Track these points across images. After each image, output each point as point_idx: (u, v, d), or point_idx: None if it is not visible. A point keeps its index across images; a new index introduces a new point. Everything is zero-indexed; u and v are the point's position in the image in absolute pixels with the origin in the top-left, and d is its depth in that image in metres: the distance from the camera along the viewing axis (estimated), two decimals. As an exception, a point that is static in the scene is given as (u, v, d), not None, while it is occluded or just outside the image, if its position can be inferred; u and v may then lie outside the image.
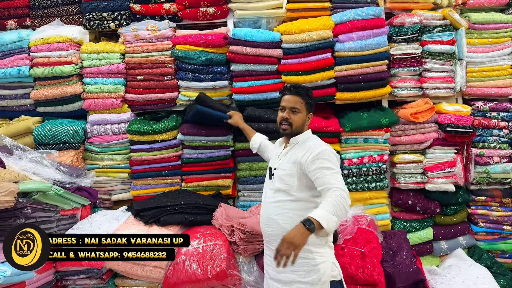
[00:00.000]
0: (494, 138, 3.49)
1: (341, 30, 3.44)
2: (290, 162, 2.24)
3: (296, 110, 2.26)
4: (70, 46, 3.59)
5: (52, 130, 3.50)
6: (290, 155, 2.28)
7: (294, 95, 2.27)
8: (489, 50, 3.55)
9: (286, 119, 2.26)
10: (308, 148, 2.21)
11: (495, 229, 3.55)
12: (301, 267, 2.16)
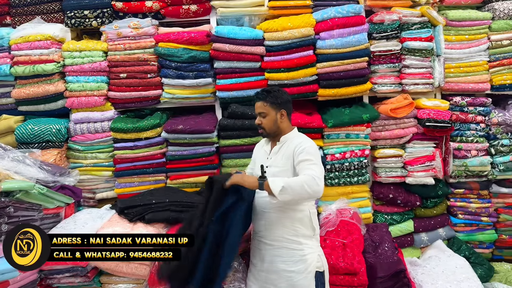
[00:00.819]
0: (471, 132, 3.59)
1: (322, 28, 3.49)
2: (284, 159, 2.38)
3: (263, 114, 2.41)
4: (52, 44, 3.57)
5: (34, 129, 3.47)
6: (282, 152, 2.41)
7: (258, 101, 2.44)
8: (466, 47, 3.64)
9: (259, 124, 2.44)
10: (297, 144, 2.35)
11: (473, 221, 3.65)
12: (290, 257, 2.33)
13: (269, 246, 2.38)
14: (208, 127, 3.44)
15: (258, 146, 2.68)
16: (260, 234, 2.43)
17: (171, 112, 3.90)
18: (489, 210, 3.62)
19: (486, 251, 3.68)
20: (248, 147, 3.54)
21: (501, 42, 3.64)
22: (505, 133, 3.59)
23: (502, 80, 3.65)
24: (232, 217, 2.24)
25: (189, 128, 3.42)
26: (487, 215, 3.64)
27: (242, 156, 3.57)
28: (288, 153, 2.37)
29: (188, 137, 3.46)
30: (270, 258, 2.37)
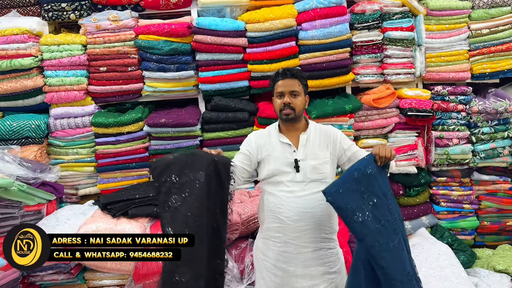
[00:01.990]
0: (452, 120, 3.63)
1: (304, 18, 3.48)
2: (322, 150, 2.16)
3: (296, 93, 2.14)
4: (29, 38, 3.48)
5: (13, 125, 3.40)
6: (316, 142, 2.17)
7: (291, 78, 2.15)
8: (447, 36, 3.67)
9: (289, 104, 2.12)
10: (329, 132, 2.21)
11: (456, 208, 3.70)
12: (328, 257, 2.14)
13: (306, 249, 2.12)
14: (191, 120, 3.41)
15: (260, 139, 2.24)
16: (294, 237, 2.13)
17: (153, 106, 3.85)
18: (470, 198, 3.68)
19: (468, 238, 3.74)
20: (233, 140, 3.53)
21: (480, 31, 3.68)
22: (485, 121, 3.63)
23: (482, 68, 3.70)
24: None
25: (172, 122, 3.39)
26: (469, 203, 3.69)
27: (226, 149, 3.55)
28: (325, 143, 2.16)
29: (171, 131, 3.43)
30: (309, 262, 2.13)
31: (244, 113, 3.50)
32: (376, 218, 1.90)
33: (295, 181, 2.13)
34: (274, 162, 2.16)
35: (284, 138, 2.19)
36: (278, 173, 2.15)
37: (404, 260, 1.90)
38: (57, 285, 2.90)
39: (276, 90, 2.18)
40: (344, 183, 1.94)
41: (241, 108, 3.50)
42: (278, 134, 2.21)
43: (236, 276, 2.84)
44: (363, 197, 1.91)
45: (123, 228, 2.86)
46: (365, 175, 1.92)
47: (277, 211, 2.15)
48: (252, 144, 2.24)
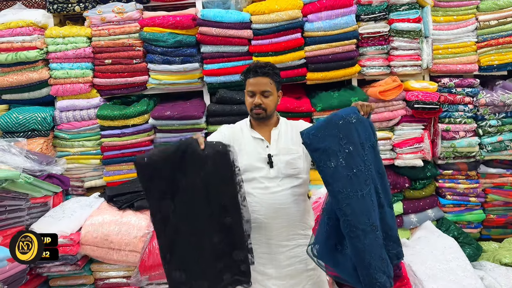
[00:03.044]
0: (459, 113, 3.59)
1: (310, 10, 3.45)
2: (295, 145, 2.12)
3: (268, 93, 2.09)
4: (34, 30, 3.49)
5: (19, 117, 3.42)
6: (287, 137, 2.15)
7: (263, 77, 2.08)
8: (454, 27, 3.62)
9: (260, 104, 2.08)
10: (299, 126, 2.17)
11: (462, 201, 3.67)
12: (305, 254, 2.09)
13: (284, 248, 2.10)
14: (196, 113, 3.41)
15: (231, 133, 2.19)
16: (273, 236, 2.10)
17: (158, 99, 3.85)
18: (477, 191, 3.65)
19: (474, 231, 3.72)
20: (237, 133, 3.52)
21: (488, 22, 3.63)
22: (492, 113, 3.59)
23: (490, 60, 3.65)
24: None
25: (177, 114, 3.39)
26: (475, 196, 3.66)
27: (232, 142, 3.55)
28: (297, 137, 2.06)
29: (176, 124, 3.43)
30: (288, 262, 2.11)
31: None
32: (349, 165, 1.89)
33: (268, 177, 2.08)
34: (247, 158, 2.11)
35: (256, 134, 2.16)
36: (251, 169, 2.10)
37: (369, 210, 1.88)
38: (64, 277, 2.92)
39: (247, 88, 2.13)
40: (323, 127, 1.93)
41: (246, 100, 3.49)
42: (249, 129, 2.18)
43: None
44: (339, 143, 1.90)
45: (129, 220, 2.88)
46: (346, 123, 1.92)
47: (254, 210, 2.08)
48: (225, 132, 2.19)
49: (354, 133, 1.92)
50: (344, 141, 1.90)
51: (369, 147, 1.97)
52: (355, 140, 1.91)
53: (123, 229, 2.82)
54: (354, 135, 1.91)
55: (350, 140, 1.90)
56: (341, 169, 1.88)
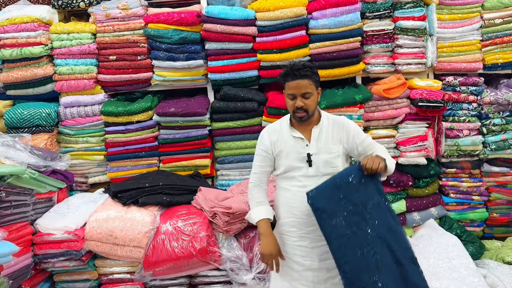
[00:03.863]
0: (463, 111, 3.59)
1: (315, 7, 3.45)
2: (335, 144, 2.15)
3: (308, 94, 2.08)
4: (39, 26, 3.49)
5: (23, 113, 3.43)
6: (328, 136, 2.17)
7: (302, 79, 2.07)
8: (459, 26, 3.62)
9: (302, 106, 2.08)
10: (341, 125, 2.18)
11: (465, 200, 3.68)
12: None
13: (320, 242, 2.13)
14: (200, 110, 3.41)
15: (273, 136, 2.22)
16: (309, 230, 2.16)
17: (162, 95, 3.85)
18: (480, 189, 3.65)
19: (477, 229, 3.72)
20: (242, 130, 3.54)
21: (493, 20, 3.62)
22: (497, 112, 3.59)
23: (495, 59, 3.65)
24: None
25: (181, 111, 3.39)
26: (479, 194, 3.67)
27: (235, 139, 3.56)
28: (338, 136, 2.15)
29: (180, 120, 3.43)
30: (324, 256, 2.14)
31: (253, 103, 3.49)
32: (348, 225, 1.98)
33: (307, 176, 2.14)
34: (286, 158, 2.17)
35: (296, 133, 2.18)
36: (291, 169, 2.16)
37: (371, 269, 1.93)
38: (68, 272, 2.93)
39: (287, 91, 2.13)
40: (325, 188, 2.04)
41: (250, 98, 3.49)
42: (289, 128, 2.20)
43: (245, 265, 2.86)
44: (339, 203, 2.00)
45: (133, 216, 2.89)
46: (346, 183, 2.01)
47: (291, 206, 2.17)
48: (266, 142, 2.23)
49: (354, 193, 2.00)
50: (343, 201, 2.00)
51: (374, 205, 2.01)
52: (355, 200, 2.00)
53: (128, 225, 2.83)
54: (354, 195, 2.00)
55: (350, 200, 1.99)
56: (340, 228, 1.98)
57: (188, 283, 2.98)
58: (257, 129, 3.53)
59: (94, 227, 2.84)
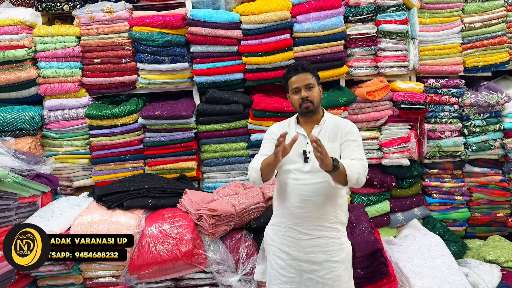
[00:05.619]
0: (445, 113, 3.65)
1: (299, 11, 3.49)
2: (331, 142, 2.23)
3: (311, 85, 2.22)
4: (22, 29, 3.46)
5: (6, 117, 3.39)
6: (326, 134, 2.25)
7: (304, 73, 2.22)
8: (440, 29, 3.69)
9: (307, 97, 2.20)
10: (341, 125, 2.27)
11: (448, 200, 3.74)
12: (331, 246, 2.23)
13: (306, 236, 2.23)
14: (186, 113, 3.42)
15: (280, 128, 2.35)
16: (297, 222, 2.25)
17: (147, 98, 3.85)
18: (462, 189, 3.72)
19: (460, 229, 3.79)
20: (227, 132, 3.55)
21: (473, 24, 3.70)
22: (477, 114, 3.67)
23: (475, 62, 3.73)
24: None
25: (167, 114, 3.39)
26: (461, 194, 3.74)
27: (221, 142, 3.58)
28: (334, 135, 2.24)
29: (166, 123, 3.44)
30: (310, 249, 2.24)
31: (239, 105, 3.51)
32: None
33: (302, 171, 2.23)
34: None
35: (300, 129, 2.29)
36: (288, 161, 2.24)
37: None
38: (52, 277, 2.90)
39: (291, 86, 2.25)
40: None
41: (236, 100, 3.51)
42: (295, 125, 2.33)
43: (231, 267, 2.87)
44: None
45: (118, 219, 2.88)
46: None
47: (284, 197, 2.29)
48: (275, 131, 2.35)
49: None
50: None
51: None
52: None
53: (112, 228, 2.82)
54: None
55: None
56: None
57: (174, 286, 2.97)
58: (242, 131, 3.55)
59: (78, 231, 2.81)
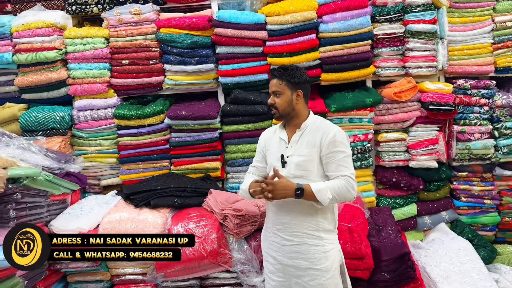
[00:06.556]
0: (475, 115, 3.57)
1: (325, 11, 3.47)
2: (308, 147, 2.18)
3: (278, 93, 2.21)
4: (53, 31, 3.56)
5: (38, 116, 3.49)
6: (305, 139, 2.21)
7: (273, 79, 2.24)
8: (470, 29, 3.60)
9: (272, 104, 2.24)
10: (323, 130, 2.19)
11: (477, 203, 3.66)
12: (312, 254, 2.18)
13: (288, 241, 2.21)
14: (211, 113, 3.44)
15: (267, 135, 2.41)
16: (278, 228, 2.25)
17: (173, 99, 3.90)
18: (492, 193, 3.63)
19: (489, 234, 3.69)
20: (252, 133, 3.55)
21: (505, 23, 3.60)
22: (508, 115, 3.57)
23: (506, 62, 3.63)
24: None
25: (192, 114, 3.43)
26: (490, 198, 3.64)
27: (245, 142, 3.58)
28: (313, 141, 2.17)
29: (191, 123, 3.47)
30: (292, 255, 2.21)
31: (263, 106, 3.51)
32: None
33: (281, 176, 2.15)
34: (270, 156, 2.32)
35: (283, 134, 2.29)
36: (270, 167, 2.27)
37: None
38: (82, 273, 2.97)
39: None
40: None
41: (261, 101, 3.51)
42: (280, 130, 2.33)
43: (256, 267, 2.88)
44: None
45: (145, 218, 2.93)
46: None
47: (268, 202, 2.28)
48: (261, 140, 2.43)
49: None
50: None
51: None
52: None
53: (140, 226, 2.87)
54: None
55: None
56: None
57: (199, 284, 3.00)
58: (267, 132, 3.55)
59: (107, 229, 2.87)
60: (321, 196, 2.02)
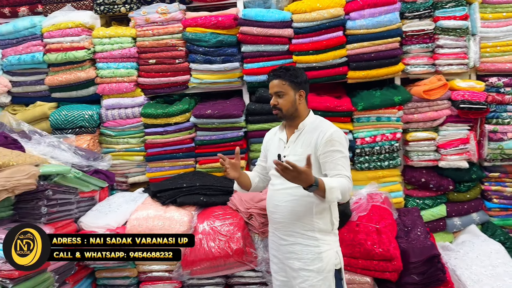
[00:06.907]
0: (508, 114, 3.46)
1: (352, 8, 3.41)
2: (304, 147, 2.17)
3: (281, 93, 2.20)
4: (82, 31, 3.63)
5: (68, 115, 3.57)
6: (301, 140, 2.21)
7: (275, 79, 2.22)
8: (504, 25, 3.48)
9: (275, 105, 2.22)
10: (320, 130, 2.17)
11: (509, 205, 3.55)
12: (306, 254, 2.16)
13: (283, 241, 2.23)
14: (236, 112, 3.44)
15: (269, 135, 2.45)
16: (275, 227, 2.28)
17: (199, 97, 3.92)
18: (525, 194, 3.52)
19: (522, 236, 3.58)
20: (277, 131, 3.53)
21: (541, 19, 3.48)
22: (544, 114, 3.45)
23: (542, 59, 3.50)
24: None
25: (217, 113, 3.43)
26: (524, 200, 3.53)
27: (271, 141, 3.56)
28: (309, 141, 2.16)
29: (216, 122, 3.48)
30: (287, 255, 2.22)
31: (289, 104, 3.48)
32: None
33: (276, 176, 2.10)
34: (269, 157, 2.34)
35: (282, 135, 2.31)
36: (270, 167, 2.30)
37: None
38: (109, 269, 3.02)
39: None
40: None
41: (286, 99, 3.49)
42: (280, 131, 2.35)
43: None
44: None
45: (172, 215, 2.95)
46: None
47: (267, 202, 2.35)
48: (264, 140, 2.48)
49: None
50: None
51: None
52: None
53: (167, 224, 2.89)
54: None
55: None
56: None
57: (225, 283, 3.00)
58: (292, 131, 3.53)
59: (134, 226, 2.91)
60: (331, 194, 1.94)
